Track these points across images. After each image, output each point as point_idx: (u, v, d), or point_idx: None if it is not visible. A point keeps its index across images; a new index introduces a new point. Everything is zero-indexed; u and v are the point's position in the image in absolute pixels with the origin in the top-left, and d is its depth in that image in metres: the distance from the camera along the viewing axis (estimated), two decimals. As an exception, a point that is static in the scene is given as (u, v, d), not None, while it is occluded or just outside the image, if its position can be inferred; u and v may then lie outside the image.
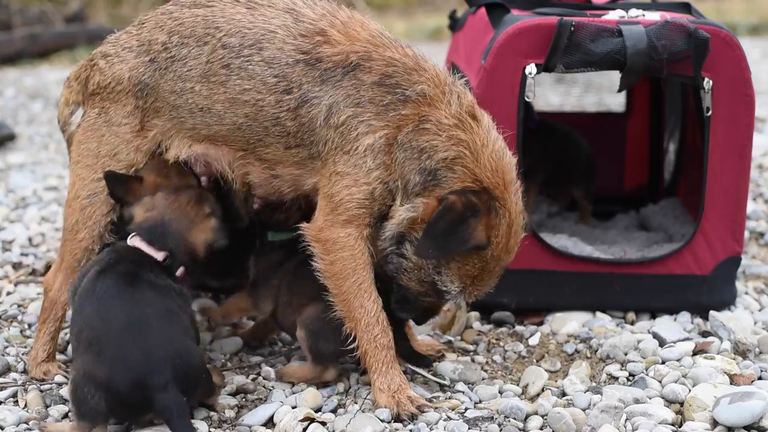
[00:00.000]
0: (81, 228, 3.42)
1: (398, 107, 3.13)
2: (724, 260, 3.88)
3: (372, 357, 3.18)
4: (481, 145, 3.11)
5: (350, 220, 3.17)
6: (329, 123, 3.15)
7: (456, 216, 3.05)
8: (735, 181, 3.82)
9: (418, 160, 3.12)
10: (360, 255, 3.18)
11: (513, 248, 3.19)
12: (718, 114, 3.76)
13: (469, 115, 3.16)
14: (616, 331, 3.73)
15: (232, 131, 3.29)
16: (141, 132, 3.37)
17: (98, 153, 3.40)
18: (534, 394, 3.34)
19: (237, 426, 3.12)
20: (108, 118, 3.39)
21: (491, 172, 3.11)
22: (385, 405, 3.12)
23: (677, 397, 3.19)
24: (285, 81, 3.19)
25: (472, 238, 3.07)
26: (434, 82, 3.18)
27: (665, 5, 4.13)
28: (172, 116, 3.34)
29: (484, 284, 3.22)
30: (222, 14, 3.29)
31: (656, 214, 4.69)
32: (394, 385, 3.15)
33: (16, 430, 3.10)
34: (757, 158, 6.04)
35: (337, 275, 3.19)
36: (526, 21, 3.70)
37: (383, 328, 3.18)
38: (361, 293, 3.17)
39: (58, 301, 3.48)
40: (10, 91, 9.76)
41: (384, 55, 3.18)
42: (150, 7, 15.62)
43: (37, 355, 3.47)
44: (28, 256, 4.75)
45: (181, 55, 3.29)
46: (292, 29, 3.22)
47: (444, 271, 3.14)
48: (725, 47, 3.71)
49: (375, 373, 3.18)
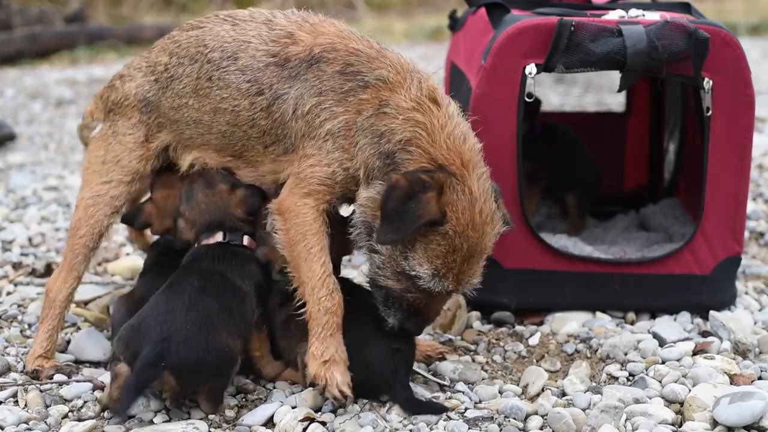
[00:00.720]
0: (82, 225, 3.58)
1: (358, 92, 3.19)
2: (724, 260, 3.88)
3: (314, 320, 3.17)
4: (438, 126, 3.11)
5: (310, 193, 3.23)
6: (296, 114, 3.26)
7: (403, 193, 3.02)
8: (735, 181, 3.82)
9: (377, 144, 3.15)
10: (312, 221, 3.22)
11: (481, 227, 3.09)
12: (718, 114, 3.76)
13: (429, 99, 3.17)
14: (616, 331, 3.74)
15: (219, 139, 3.47)
16: (144, 143, 3.58)
17: (104, 159, 3.61)
18: (534, 394, 3.34)
19: (237, 426, 3.12)
20: (115, 129, 3.62)
21: (447, 151, 3.09)
22: (313, 374, 3.11)
23: (677, 397, 3.19)
24: (257, 84, 3.34)
25: (424, 213, 3.01)
26: (395, 68, 3.22)
27: (665, 5, 4.13)
28: (172, 129, 3.57)
29: (463, 271, 3.11)
30: (210, 33, 3.51)
31: (656, 214, 4.69)
32: (328, 355, 3.13)
33: (16, 430, 3.11)
34: (757, 158, 6.04)
35: (290, 241, 3.23)
36: (526, 21, 3.70)
37: (329, 292, 3.18)
38: (310, 257, 3.20)
39: (56, 301, 3.56)
40: (10, 91, 9.76)
41: (348, 46, 3.26)
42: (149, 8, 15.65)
43: (34, 351, 3.53)
44: (28, 256, 4.75)
45: (178, 74, 3.52)
46: (265, 37, 3.38)
47: (410, 254, 3.10)
48: (725, 47, 3.71)
49: (313, 336, 3.16)
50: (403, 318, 3.19)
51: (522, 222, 3.79)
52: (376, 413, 3.13)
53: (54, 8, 13.80)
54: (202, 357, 3.07)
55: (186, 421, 3.12)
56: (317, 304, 3.17)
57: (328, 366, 3.11)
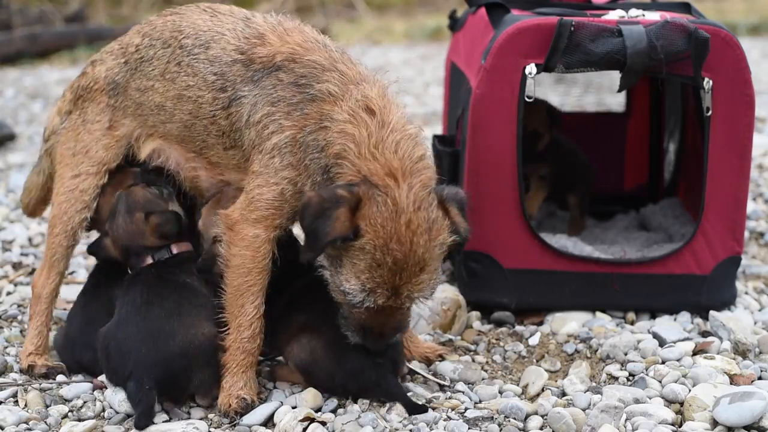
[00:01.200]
0: (57, 223, 3.58)
1: (305, 105, 3.16)
2: (724, 260, 3.88)
3: (231, 356, 3.20)
4: (366, 136, 3.04)
5: (259, 220, 3.19)
6: (250, 121, 3.23)
7: (314, 211, 2.97)
8: (735, 181, 3.82)
9: (318, 158, 3.11)
10: (261, 258, 3.21)
11: (408, 238, 2.94)
12: (718, 114, 3.76)
13: (363, 109, 3.09)
14: (616, 331, 3.73)
15: (180, 130, 3.43)
16: (110, 130, 3.53)
17: (74, 151, 3.58)
18: (534, 394, 3.34)
19: (237, 426, 3.12)
20: (85, 117, 3.57)
21: (372, 162, 3.01)
22: (220, 403, 3.17)
23: (677, 397, 3.19)
24: (222, 79, 3.31)
25: (332, 230, 2.93)
26: (342, 80, 3.17)
27: (665, 5, 4.13)
28: (136, 114, 3.51)
29: (399, 284, 2.99)
30: (188, 20, 3.49)
31: (656, 214, 4.69)
32: (236, 390, 3.17)
33: (16, 430, 3.11)
34: (757, 158, 6.04)
35: (234, 269, 3.22)
36: (526, 21, 3.70)
37: (253, 335, 3.21)
38: (247, 294, 3.21)
39: (42, 296, 3.59)
40: (10, 91, 9.76)
41: (306, 57, 3.22)
42: (149, 7, 15.64)
43: (26, 348, 3.55)
44: (28, 256, 4.75)
45: (149, 56, 3.48)
46: (239, 33, 3.35)
47: (339, 270, 3.05)
48: (725, 47, 3.71)
49: (228, 371, 3.20)
50: (361, 335, 3.13)
51: (522, 222, 3.79)
52: (376, 413, 3.13)
53: (54, 8, 13.80)
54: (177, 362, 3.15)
55: (186, 421, 3.13)
56: (238, 342, 3.20)
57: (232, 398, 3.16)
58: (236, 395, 3.15)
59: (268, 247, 3.21)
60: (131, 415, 3.16)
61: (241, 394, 3.16)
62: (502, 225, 3.80)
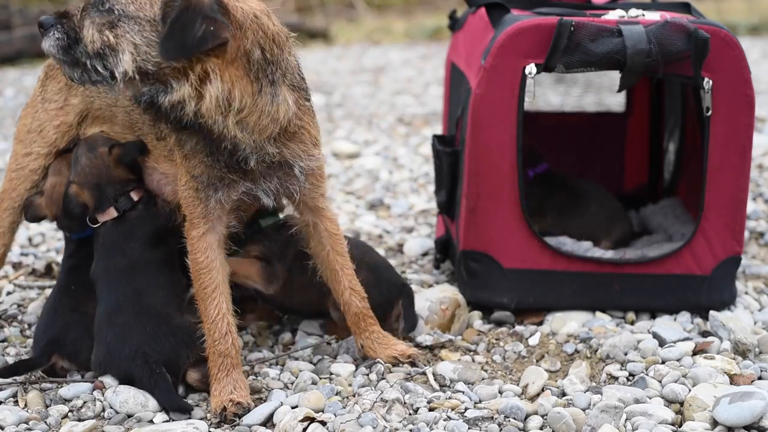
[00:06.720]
0: (5, 198, 3.64)
1: None
2: (724, 260, 3.88)
3: (211, 362, 3.23)
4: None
5: (193, 224, 3.21)
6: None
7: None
8: (735, 181, 3.82)
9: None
10: (203, 259, 3.21)
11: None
12: (718, 114, 3.76)
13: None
14: (616, 331, 3.74)
15: (122, 115, 3.44)
16: (61, 110, 3.53)
17: (30, 128, 3.60)
18: (534, 394, 3.35)
19: (237, 426, 3.12)
20: (45, 95, 3.58)
21: None
22: (213, 408, 3.17)
23: (677, 397, 3.19)
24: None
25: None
26: None
27: (665, 5, 4.13)
28: (85, 95, 3.50)
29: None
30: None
31: (656, 214, 4.68)
32: (225, 394, 3.18)
33: (16, 430, 3.11)
34: (757, 158, 6.04)
35: (194, 274, 3.26)
36: (526, 21, 3.70)
37: (222, 335, 3.21)
38: (204, 296, 3.22)
39: None
40: (10, 91, 9.76)
41: None
42: (150, 7, 15.59)
43: None
44: (28, 256, 4.75)
45: None
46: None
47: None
48: (725, 47, 3.71)
49: (212, 378, 3.22)
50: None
51: (522, 222, 3.79)
52: (376, 413, 3.13)
53: (54, 8, 13.80)
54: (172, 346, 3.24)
55: (186, 421, 3.13)
56: (212, 347, 3.23)
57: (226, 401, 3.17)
58: (228, 399, 3.16)
59: (205, 246, 3.20)
60: (131, 415, 3.16)
61: (234, 398, 3.16)
62: (501, 225, 3.81)
